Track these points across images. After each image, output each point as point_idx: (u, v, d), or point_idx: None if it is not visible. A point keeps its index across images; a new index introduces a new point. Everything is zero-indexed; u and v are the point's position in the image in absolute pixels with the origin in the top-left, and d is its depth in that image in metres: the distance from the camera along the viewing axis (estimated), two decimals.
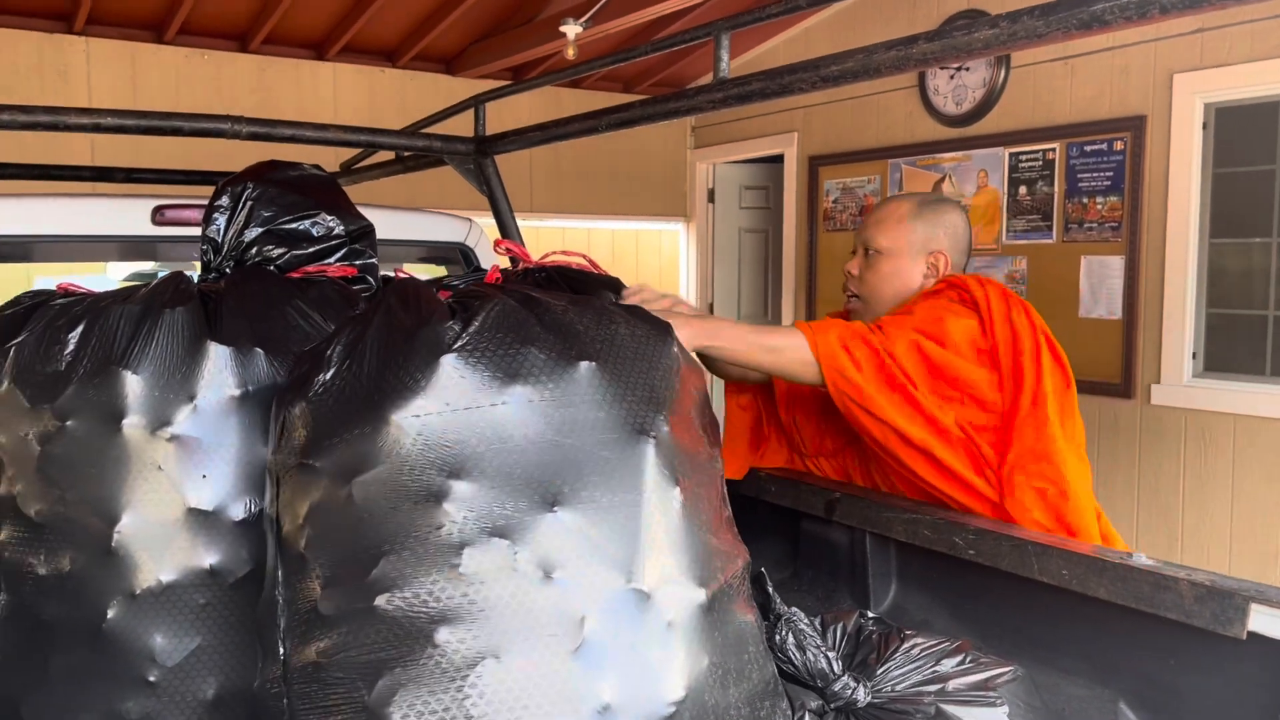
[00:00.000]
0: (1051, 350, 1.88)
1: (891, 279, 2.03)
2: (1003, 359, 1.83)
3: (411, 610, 1.05)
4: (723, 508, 1.26)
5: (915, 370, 1.78)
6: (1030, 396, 1.81)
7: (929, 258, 2.03)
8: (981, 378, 1.82)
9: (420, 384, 1.10)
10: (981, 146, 5.26)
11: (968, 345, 1.83)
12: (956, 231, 2.06)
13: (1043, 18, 1.26)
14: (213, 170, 3.45)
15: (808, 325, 1.81)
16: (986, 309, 1.86)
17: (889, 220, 2.05)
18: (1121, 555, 1.43)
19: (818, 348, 1.76)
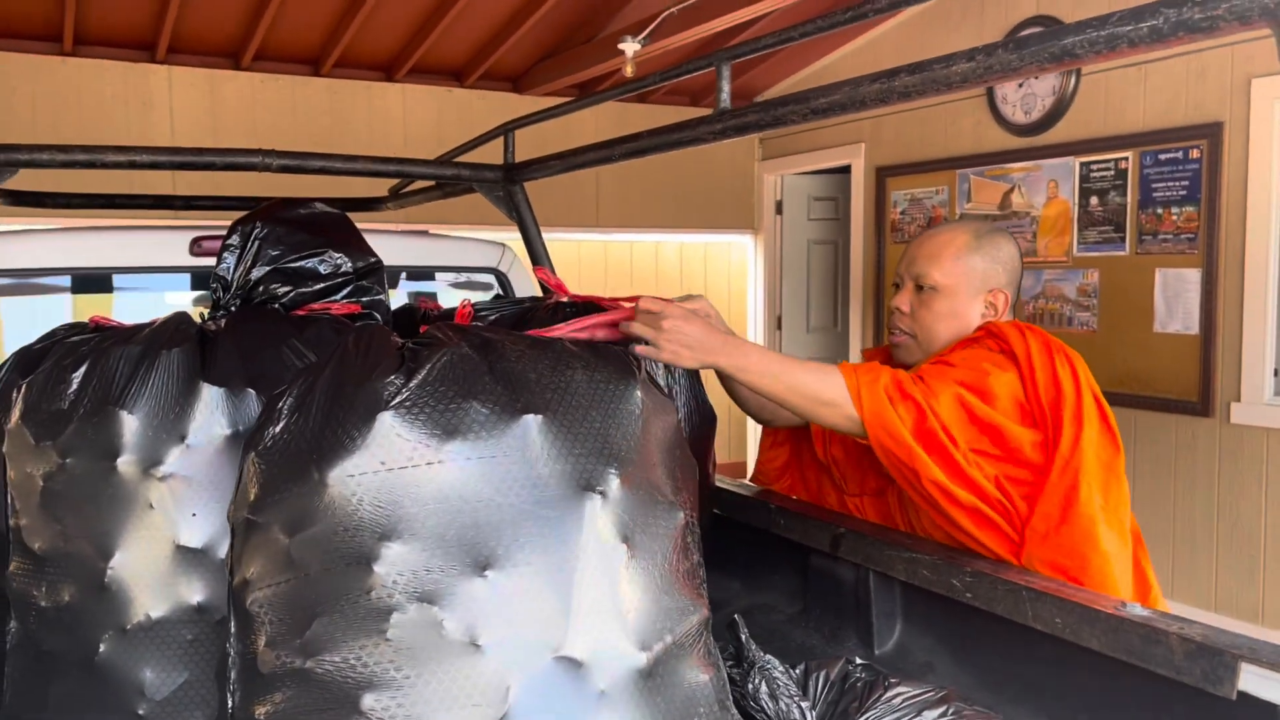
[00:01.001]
0: (1100, 412, 1.73)
1: (948, 319, 1.88)
2: (1046, 416, 1.71)
3: (340, 675, 1.06)
4: (682, 559, 1.22)
5: (958, 427, 1.67)
6: (1063, 461, 1.67)
7: (988, 296, 1.88)
8: (1025, 438, 1.70)
9: (357, 442, 1.10)
10: (1051, 156, 5.11)
11: (1011, 402, 1.71)
12: (1014, 266, 1.91)
13: (1016, 51, 1.23)
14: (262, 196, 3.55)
15: (852, 371, 1.68)
16: (1027, 361, 1.72)
17: (945, 254, 1.88)
18: (1116, 604, 1.37)
19: (862, 400, 1.65)
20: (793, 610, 1.94)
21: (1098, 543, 1.66)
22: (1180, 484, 4.66)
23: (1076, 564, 1.65)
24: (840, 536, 1.79)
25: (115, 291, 2.62)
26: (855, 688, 1.46)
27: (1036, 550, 1.67)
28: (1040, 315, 5.17)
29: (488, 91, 6.25)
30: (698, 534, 1.34)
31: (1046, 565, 1.66)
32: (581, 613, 1.09)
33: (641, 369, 1.34)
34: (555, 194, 6.43)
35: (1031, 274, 5.20)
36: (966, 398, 1.69)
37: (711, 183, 6.98)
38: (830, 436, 1.99)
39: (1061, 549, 1.65)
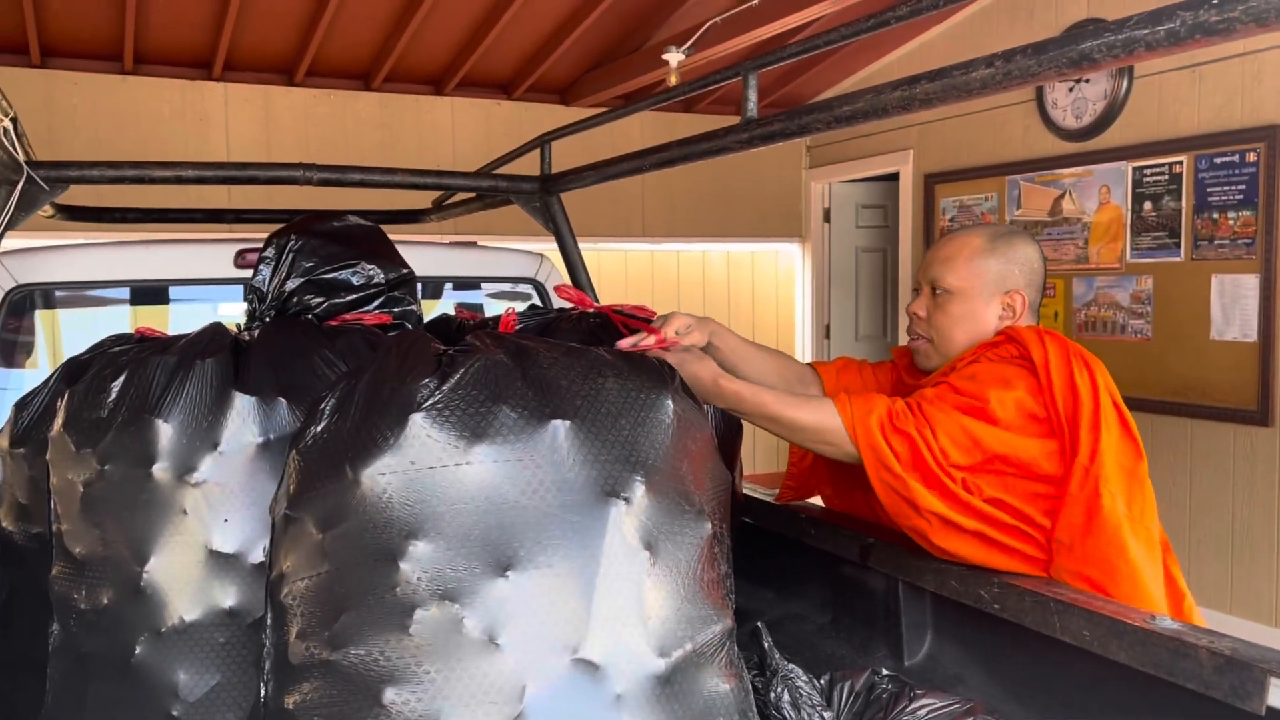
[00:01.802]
0: (1119, 418, 1.70)
1: (964, 321, 1.85)
2: (1063, 424, 1.67)
3: (364, 668, 1.09)
4: (708, 569, 1.23)
5: (958, 453, 1.64)
6: (1083, 470, 1.63)
7: (1004, 298, 1.85)
8: (1038, 451, 1.67)
9: (389, 442, 1.13)
10: (1103, 161, 5.03)
11: (1020, 417, 1.68)
12: (1032, 267, 1.88)
13: (1034, 57, 1.22)
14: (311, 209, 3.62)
15: (846, 404, 1.67)
16: (1044, 367, 1.69)
17: (959, 257, 1.87)
18: (1144, 617, 1.35)
19: (857, 434, 1.64)
20: (823, 620, 1.93)
21: (1125, 550, 1.62)
22: (1239, 495, 4.55)
23: (1104, 573, 1.61)
24: (870, 546, 1.78)
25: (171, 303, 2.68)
26: (880, 699, 1.45)
27: (1063, 562, 1.64)
28: (1093, 323, 5.08)
29: (535, 104, 6.31)
30: (727, 545, 1.34)
31: (1074, 577, 1.62)
32: (601, 617, 1.10)
33: (675, 379, 1.35)
34: (601, 205, 6.47)
35: (1083, 281, 5.12)
36: (966, 424, 1.67)
37: (758, 192, 6.96)
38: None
39: (1088, 559, 1.62)
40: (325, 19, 4.98)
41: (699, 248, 7.01)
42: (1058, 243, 5.25)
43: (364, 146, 5.93)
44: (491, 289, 2.90)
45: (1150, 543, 1.67)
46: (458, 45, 5.62)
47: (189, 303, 2.58)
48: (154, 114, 5.55)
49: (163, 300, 2.58)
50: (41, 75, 5.31)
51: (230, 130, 5.71)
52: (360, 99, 5.95)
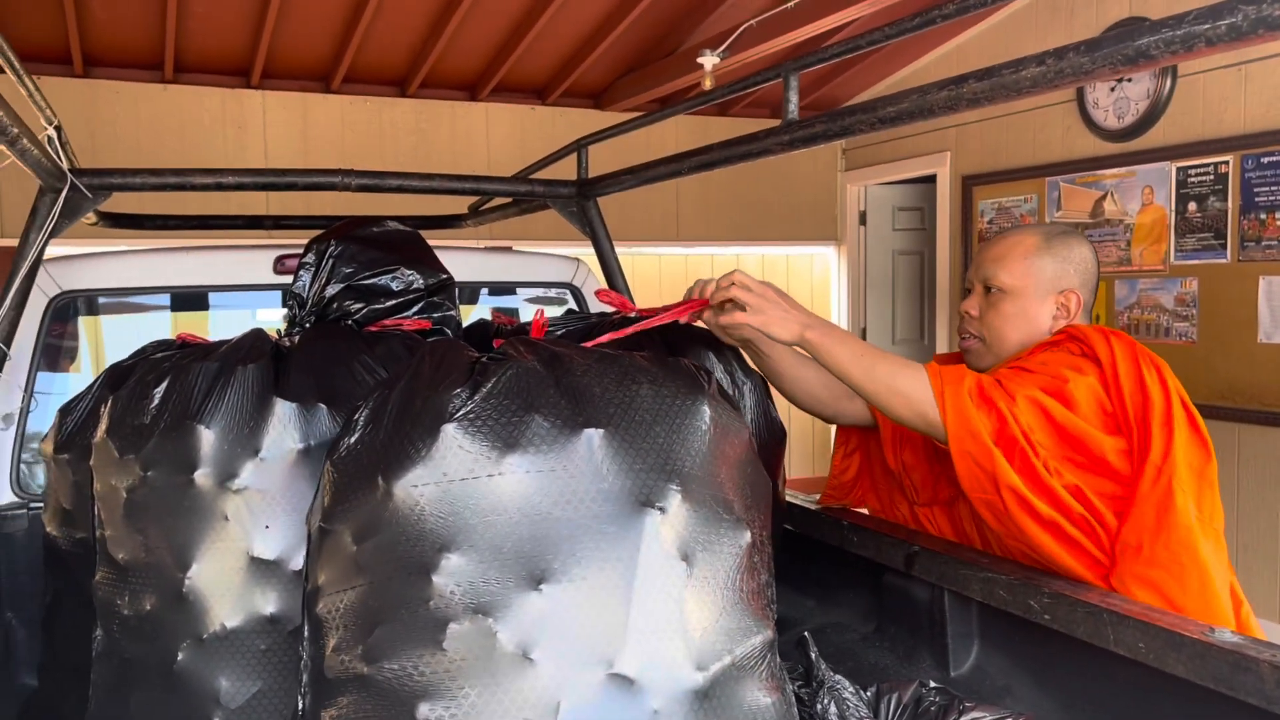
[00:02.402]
0: (1189, 418, 1.66)
1: (1017, 320, 1.82)
2: (1131, 424, 1.64)
3: (398, 682, 1.07)
4: (748, 579, 1.20)
5: (1039, 433, 1.61)
6: (1155, 469, 1.59)
7: (1059, 297, 1.81)
8: (1109, 446, 1.63)
9: (421, 453, 1.12)
10: (1146, 161, 4.95)
11: (1093, 408, 1.64)
12: (1087, 267, 1.85)
13: (1088, 54, 1.19)
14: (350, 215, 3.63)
15: (936, 371, 1.63)
16: (1111, 366, 1.66)
17: (1013, 255, 1.84)
18: (1203, 629, 1.31)
19: (945, 401, 1.60)
20: (866, 629, 1.90)
21: (1196, 552, 1.57)
22: None
23: (1174, 576, 1.57)
24: (914, 555, 1.75)
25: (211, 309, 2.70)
26: (929, 711, 1.42)
27: (1129, 566, 1.59)
28: (1136, 326, 4.99)
29: (569, 109, 6.31)
30: (769, 553, 1.31)
31: (1139, 581, 1.58)
32: (636, 630, 1.08)
33: (712, 383, 1.33)
34: (636, 209, 6.46)
35: (1126, 283, 5.04)
36: (1046, 402, 1.63)
37: (793, 194, 6.92)
38: (902, 442, 1.94)
39: (1156, 561, 1.57)
40: (361, 26, 5.01)
41: (733, 251, 6.98)
42: (1099, 245, 5.17)
43: (400, 152, 5.96)
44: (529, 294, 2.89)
45: (1219, 546, 1.63)
46: (492, 51, 5.64)
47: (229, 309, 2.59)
48: (194, 122, 5.61)
49: (203, 306, 2.60)
50: (84, 85, 5.38)
51: (268, 137, 5.76)
52: (396, 105, 5.98)
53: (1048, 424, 1.63)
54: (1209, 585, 1.58)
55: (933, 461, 1.93)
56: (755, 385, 1.80)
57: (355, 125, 5.92)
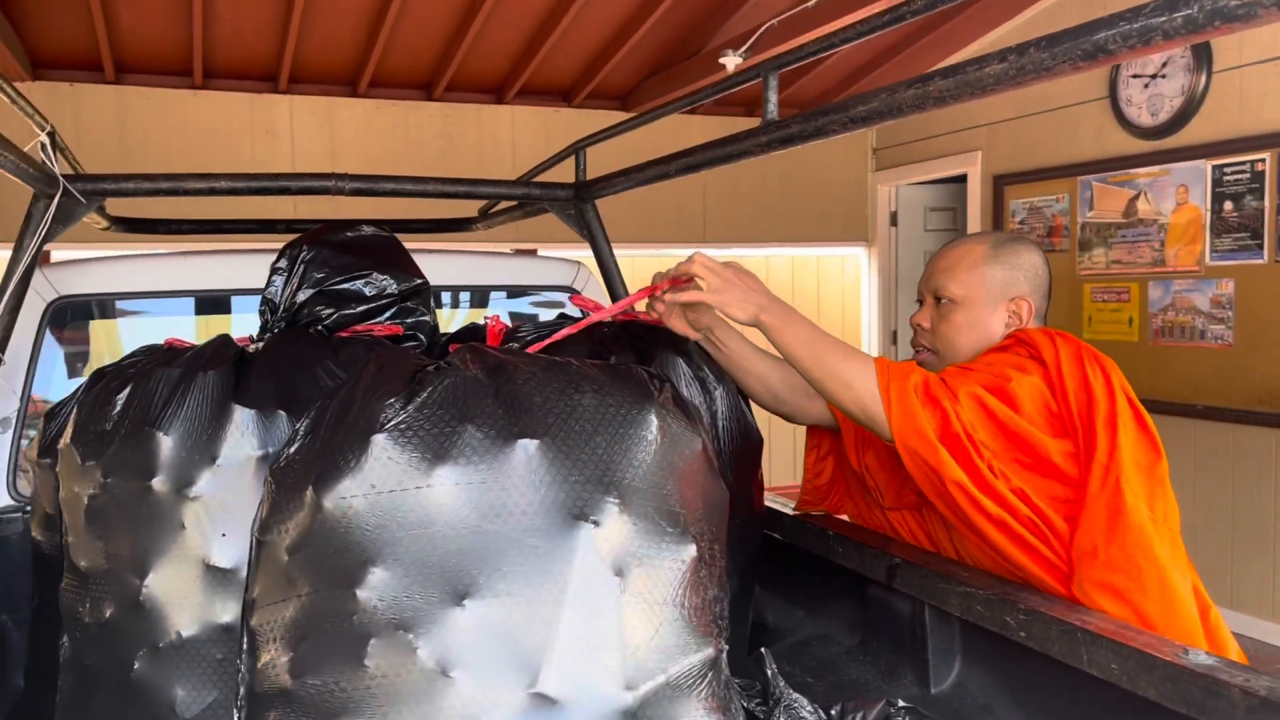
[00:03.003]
0: (1136, 416, 1.63)
1: (968, 331, 1.80)
2: (1077, 424, 1.61)
3: (320, 698, 1.05)
4: (691, 594, 1.15)
5: (983, 432, 1.59)
6: (1102, 469, 1.55)
7: (1010, 305, 1.80)
8: (1054, 448, 1.60)
9: (350, 464, 1.09)
10: (1180, 159, 4.82)
11: (1038, 409, 1.62)
12: (1037, 273, 1.83)
13: (1048, 49, 1.14)
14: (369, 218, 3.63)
15: (885, 366, 1.62)
16: (1056, 367, 1.63)
17: (962, 265, 1.82)
18: (1176, 651, 1.25)
19: (890, 396, 1.58)
20: (851, 643, 1.85)
21: (1152, 552, 1.53)
22: None
23: (1132, 579, 1.52)
24: (896, 567, 1.69)
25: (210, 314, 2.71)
26: None
27: (1087, 571, 1.55)
28: (1170, 329, 4.87)
29: (595, 110, 6.29)
30: (720, 567, 1.27)
31: (1099, 587, 1.54)
32: (562, 648, 1.04)
33: (664, 392, 1.29)
34: (663, 210, 6.43)
35: (1160, 285, 4.91)
36: (988, 400, 1.61)
37: (823, 195, 6.85)
38: (864, 444, 1.90)
39: (1113, 565, 1.53)
40: (384, 30, 5.03)
41: (762, 252, 6.92)
42: (1132, 245, 5.05)
43: (426, 156, 5.98)
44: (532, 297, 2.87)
45: (1175, 546, 1.58)
46: (517, 53, 5.63)
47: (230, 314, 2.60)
48: (223, 127, 5.67)
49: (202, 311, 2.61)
50: (115, 91, 5.46)
51: (296, 141, 5.81)
52: (422, 109, 6.00)
53: (990, 422, 1.61)
54: (1168, 585, 1.53)
55: (896, 465, 1.89)
56: (729, 390, 1.76)
57: (382, 129, 5.95)
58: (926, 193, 6.84)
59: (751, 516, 1.82)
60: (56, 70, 5.35)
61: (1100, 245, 5.22)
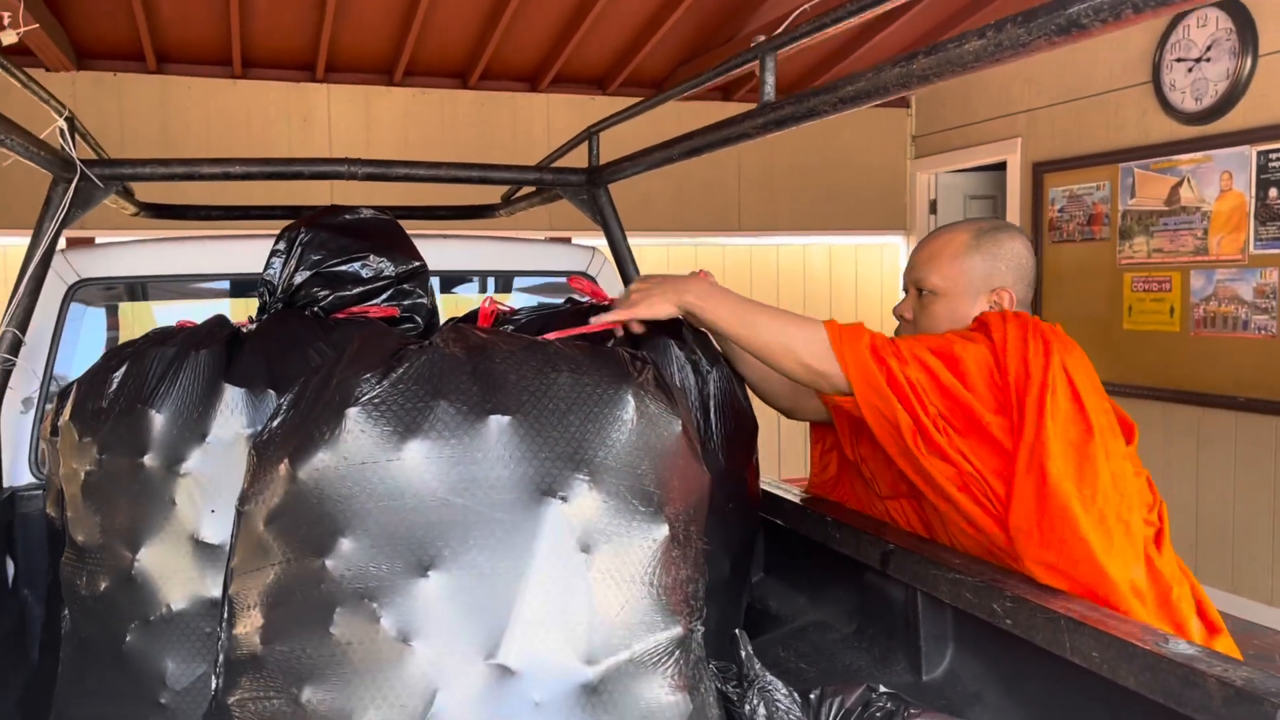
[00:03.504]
0: (1072, 393, 1.59)
1: (948, 322, 1.78)
2: (1013, 401, 1.59)
3: (286, 665, 1.06)
4: (661, 572, 1.15)
5: (929, 391, 1.59)
6: (1028, 448, 1.54)
7: (991, 295, 1.78)
8: (992, 422, 1.59)
9: (325, 437, 1.11)
10: (1225, 145, 4.70)
11: (983, 379, 1.60)
12: (1020, 263, 1.81)
13: (1024, 25, 1.12)
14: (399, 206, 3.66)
15: (836, 329, 1.62)
16: (1001, 340, 1.61)
17: (942, 256, 1.80)
18: (1157, 640, 1.22)
19: (845, 357, 1.58)
20: (848, 629, 1.83)
21: (1077, 529, 1.50)
22: None
23: (1062, 556, 1.51)
24: (890, 553, 1.68)
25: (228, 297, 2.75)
26: (874, 717, 1.36)
27: (1027, 551, 1.54)
28: (1211, 319, 4.75)
29: (629, 98, 6.27)
30: (696, 548, 1.27)
31: (1039, 565, 1.53)
32: (522, 621, 1.06)
33: (644, 373, 1.29)
34: (696, 198, 6.41)
35: (1202, 274, 4.79)
36: (931, 362, 1.61)
37: (861, 183, 6.78)
38: (858, 433, 1.88)
39: (1048, 544, 1.52)
40: (419, 18, 5.06)
41: (799, 241, 6.87)
42: (1174, 233, 4.94)
43: (460, 144, 6.01)
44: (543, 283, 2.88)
45: (1103, 523, 1.54)
46: (550, 41, 5.64)
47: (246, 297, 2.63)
48: (262, 116, 5.74)
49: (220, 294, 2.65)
50: (157, 80, 5.56)
51: (333, 130, 5.87)
52: (458, 97, 6.03)
53: (934, 384, 1.61)
54: (1095, 562, 1.50)
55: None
56: (722, 374, 1.75)
57: (418, 118, 5.99)
58: (966, 180, 6.74)
59: (746, 500, 1.81)
60: (100, 60, 5.46)
61: (1141, 234, 5.11)
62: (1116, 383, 5.09)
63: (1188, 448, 4.94)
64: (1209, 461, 4.86)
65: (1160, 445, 5.01)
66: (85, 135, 2.41)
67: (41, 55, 4.99)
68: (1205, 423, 4.86)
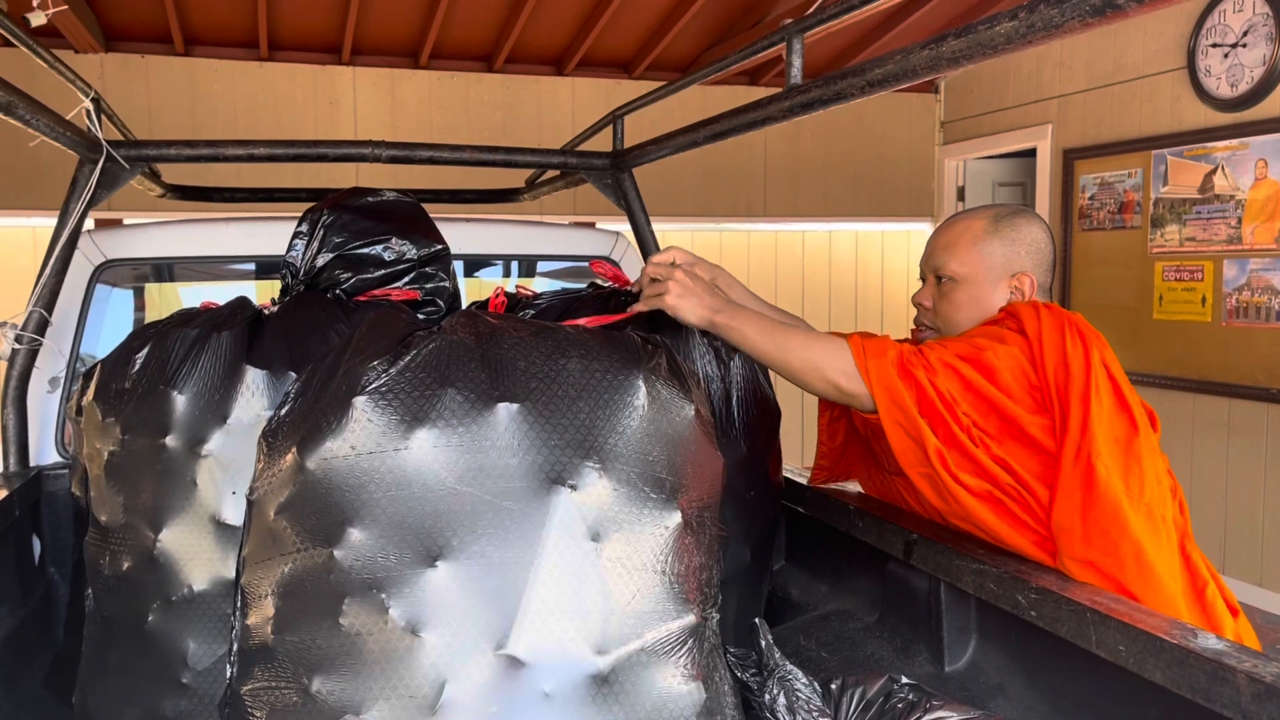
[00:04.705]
0: (1114, 389, 1.58)
1: (969, 309, 1.76)
2: (1054, 399, 1.57)
3: (297, 655, 1.06)
4: (675, 561, 1.14)
5: (963, 400, 1.57)
6: (1074, 445, 1.52)
7: (1012, 281, 1.76)
8: (1031, 422, 1.58)
9: (332, 426, 1.10)
10: (1261, 133, 4.61)
11: (1017, 379, 1.59)
12: (1039, 247, 1.78)
13: (1058, 6, 1.09)
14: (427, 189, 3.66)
15: (860, 344, 1.61)
16: (1037, 339, 1.59)
17: (961, 242, 1.78)
18: (1185, 633, 1.20)
19: (870, 374, 1.56)
20: (870, 619, 1.82)
21: (1126, 526, 1.49)
22: None
23: (1108, 554, 1.50)
24: (913, 543, 1.66)
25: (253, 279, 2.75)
26: (895, 708, 1.35)
27: (1067, 548, 1.52)
28: (1245, 309, 4.68)
29: (656, 82, 6.23)
30: (710, 535, 1.26)
31: (1079, 564, 1.51)
32: (531, 610, 1.04)
33: (657, 358, 1.27)
34: (723, 184, 6.37)
35: (1235, 263, 4.72)
36: (962, 369, 1.59)
37: (887, 169, 6.72)
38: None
39: (1091, 542, 1.50)
40: (444, 1, 5.04)
41: (825, 227, 6.82)
42: (1207, 222, 4.86)
43: (485, 127, 6.00)
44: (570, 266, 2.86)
45: (1150, 519, 1.53)
46: (576, 24, 5.61)
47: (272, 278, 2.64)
48: (288, 98, 5.75)
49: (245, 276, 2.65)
50: (185, 63, 5.58)
51: (359, 112, 5.87)
52: (483, 80, 6.02)
53: (968, 391, 1.59)
54: (1144, 561, 1.49)
55: None
56: (745, 361, 1.74)
57: (443, 101, 5.98)
58: (995, 167, 6.67)
59: (768, 488, 1.80)
60: (128, 42, 5.48)
61: (1174, 222, 5.03)
62: (1146, 372, 5.03)
63: (1217, 439, 4.88)
64: (1238, 453, 4.79)
65: (1189, 436, 4.95)
66: (112, 116, 2.42)
67: (70, 37, 5.02)
68: (1235, 414, 4.79)
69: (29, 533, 2.09)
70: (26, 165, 5.13)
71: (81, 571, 1.91)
